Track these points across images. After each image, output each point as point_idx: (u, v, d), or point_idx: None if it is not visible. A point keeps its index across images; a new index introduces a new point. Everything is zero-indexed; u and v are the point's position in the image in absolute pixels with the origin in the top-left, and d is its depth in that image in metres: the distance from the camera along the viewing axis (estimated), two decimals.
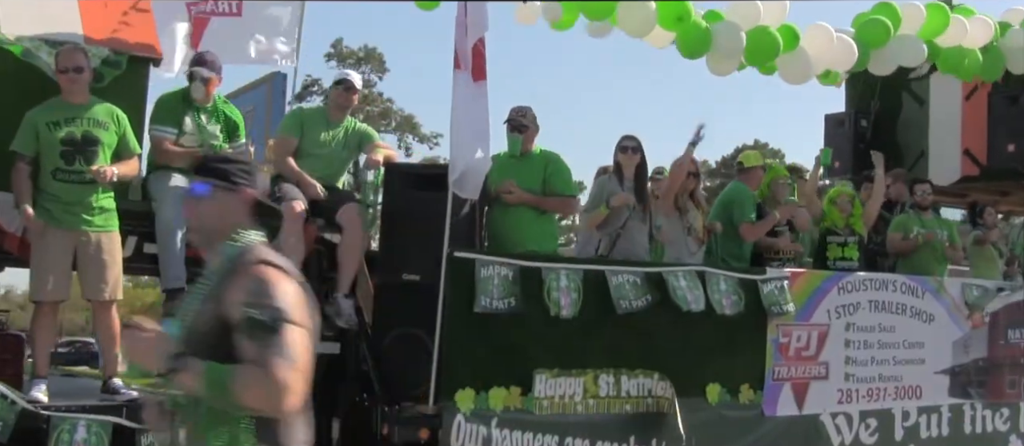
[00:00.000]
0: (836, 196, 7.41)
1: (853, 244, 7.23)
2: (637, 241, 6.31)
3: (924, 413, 7.29)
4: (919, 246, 7.74)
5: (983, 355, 7.65)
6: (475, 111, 5.22)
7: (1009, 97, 8.49)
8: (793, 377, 6.64)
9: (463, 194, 5.36)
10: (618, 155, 6.43)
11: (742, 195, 7.05)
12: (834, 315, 6.83)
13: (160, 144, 5.50)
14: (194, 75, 5.62)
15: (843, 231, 7.30)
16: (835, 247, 7.28)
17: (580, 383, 5.83)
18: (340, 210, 5.72)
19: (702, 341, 6.26)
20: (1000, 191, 9.50)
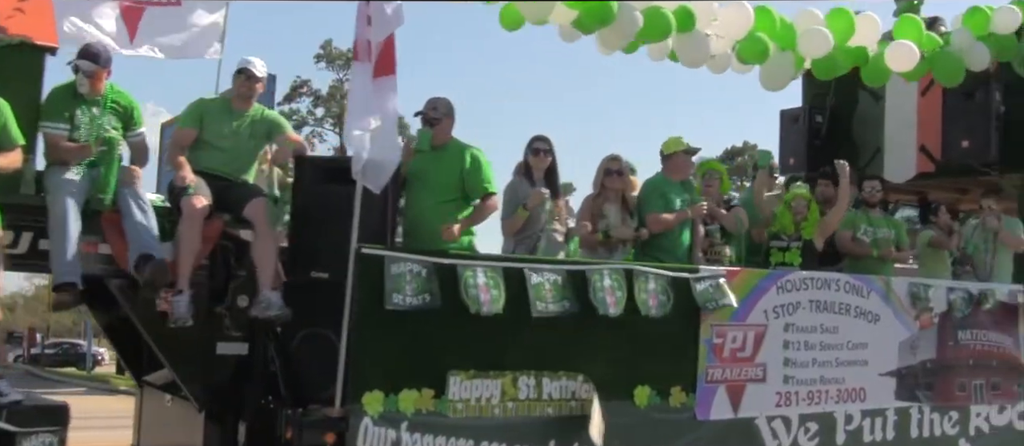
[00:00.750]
0: (792, 199, 7.19)
1: (796, 250, 7.04)
2: (555, 242, 6.14)
3: (868, 416, 7.10)
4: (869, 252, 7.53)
5: (932, 357, 7.46)
6: (376, 103, 5.03)
7: (964, 92, 8.31)
8: (728, 379, 6.44)
9: (368, 185, 5.16)
10: (529, 156, 6.31)
11: (652, 185, 6.84)
12: (772, 315, 6.64)
13: (54, 142, 5.29)
14: (77, 68, 5.39)
15: (788, 236, 7.09)
16: (777, 252, 7.11)
17: (498, 385, 5.63)
18: (247, 205, 5.51)
19: (630, 342, 6.07)
20: (959, 188, 9.32)
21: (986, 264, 8.18)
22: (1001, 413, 7.88)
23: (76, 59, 5.30)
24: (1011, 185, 8.43)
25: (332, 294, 5.35)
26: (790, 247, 7.04)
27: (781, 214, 7.11)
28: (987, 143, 8.07)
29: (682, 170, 6.79)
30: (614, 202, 6.56)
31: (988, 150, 8.07)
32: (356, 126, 5.05)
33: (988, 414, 7.79)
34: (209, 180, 5.58)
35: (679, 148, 6.76)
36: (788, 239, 7.07)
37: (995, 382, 7.84)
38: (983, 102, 8.12)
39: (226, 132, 5.63)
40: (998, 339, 7.85)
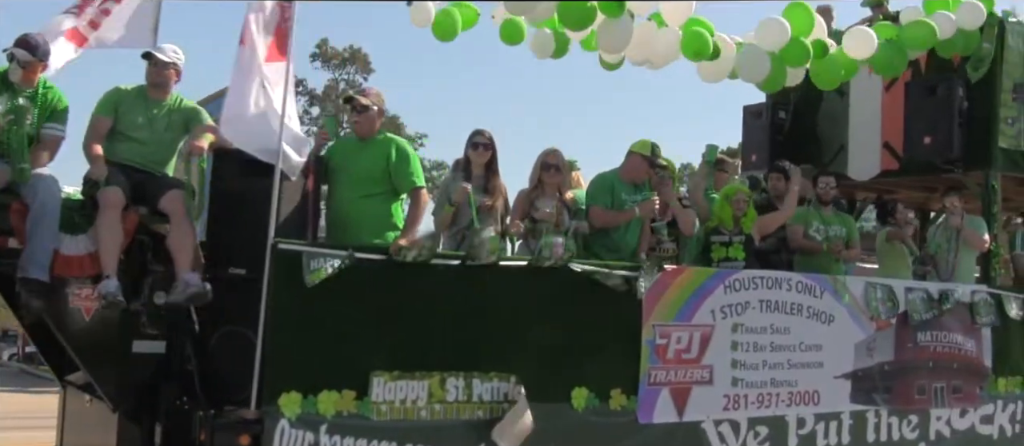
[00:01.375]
0: (732, 194, 7.00)
1: (738, 244, 6.84)
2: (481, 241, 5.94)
3: (822, 420, 6.91)
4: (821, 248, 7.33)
5: (890, 358, 7.27)
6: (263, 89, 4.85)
7: (927, 87, 8.12)
8: (672, 381, 6.25)
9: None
10: (468, 151, 6.14)
11: (602, 180, 6.64)
12: (720, 315, 6.44)
13: None
14: (12, 56, 5.22)
15: (729, 231, 6.89)
16: (719, 247, 6.91)
17: (424, 386, 5.44)
18: (163, 198, 5.31)
19: (567, 341, 5.88)
20: (927, 187, 9.13)
21: (948, 264, 8.00)
22: (963, 417, 7.69)
23: (12, 46, 5.12)
24: (975, 183, 8.23)
25: (250, 291, 5.17)
26: (732, 241, 6.85)
27: (720, 208, 6.90)
28: (950, 140, 7.86)
29: (638, 172, 6.52)
30: (550, 197, 6.36)
31: (950, 147, 7.86)
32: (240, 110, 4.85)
33: (949, 418, 7.60)
34: (126, 172, 5.39)
35: (643, 150, 6.51)
36: (730, 233, 6.87)
37: (956, 385, 7.65)
38: (945, 98, 7.92)
39: (140, 122, 5.44)
40: (959, 341, 7.66)
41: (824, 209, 7.55)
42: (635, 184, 6.60)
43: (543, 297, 5.81)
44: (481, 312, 5.61)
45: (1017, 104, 8.17)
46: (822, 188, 7.54)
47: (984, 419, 7.82)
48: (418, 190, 5.53)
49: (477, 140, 6.17)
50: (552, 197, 6.33)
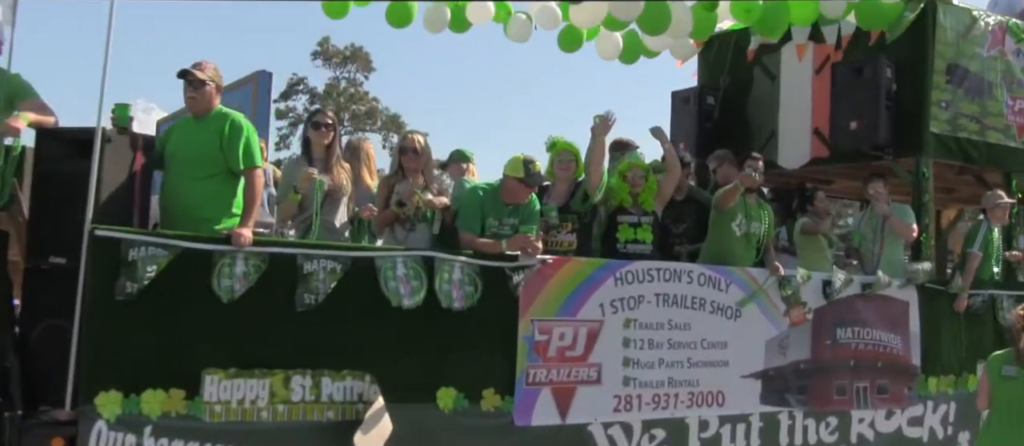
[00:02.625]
0: (627, 169, 6.57)
1: (647, 225, 6.43)
2: (329, 229, 5.56)
3: (728, 423, 6.51)
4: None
5: (805, 357, 6.88)
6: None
7: (854, 68, 7.72)
8: (554, 381, 5.86)
9: None
10: (308, 131, 5.77)
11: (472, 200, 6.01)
12: (610, 310, 6.05)
13: None
14: None
15: (635, 210, 6.48)
16: (626, 227, 6.47)
17: (265, 385, 5.05)
18: None
19: (432, 338, 5.50)
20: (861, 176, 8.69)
21: (873, 256, 7.57)
22: (889, 419, 7.30)
23: None
24: (905, 171, 7.82)
25: (72, 282, 4.77)
26: (641, 223, 6.43)
27: (618, 187, 6.46)
28: (876, 124, 7.46)
29: (514, 195, 5.90)
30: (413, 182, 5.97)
31: (877, 132, 7.46)
32: None
33: (873, 420, 7.21)
34: None
35: (516, 173, 5.84)
36: (638, 213, 6.44)
37: (882, 385, 7.26)
38: (872, 80, 7.52)
39: None
40: (885, 338, 7.27)
41: (749, 198, 6.89)
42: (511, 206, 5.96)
43: None
44: (333, 305, 5.21)
45: (951, 87, 7.78)
46: (747, 174, 6.89)
47: (912, 421, 7.43)
48: (250, 171, 5.11)
49: (318, 119, 5.79)
50: (414, 182, 5.93)
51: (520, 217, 5.90)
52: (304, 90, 43.34)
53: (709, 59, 9.11)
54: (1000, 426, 5.68)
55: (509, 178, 5.84)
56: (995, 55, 8.04)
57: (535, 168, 5.79)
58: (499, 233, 5.85)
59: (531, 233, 5.69)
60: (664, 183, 6.56)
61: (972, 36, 7.87)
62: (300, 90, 43.34)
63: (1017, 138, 8.19)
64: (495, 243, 5.74)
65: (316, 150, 5.77)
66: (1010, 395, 5.59)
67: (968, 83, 7.87)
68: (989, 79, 8.01)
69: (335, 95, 43.14)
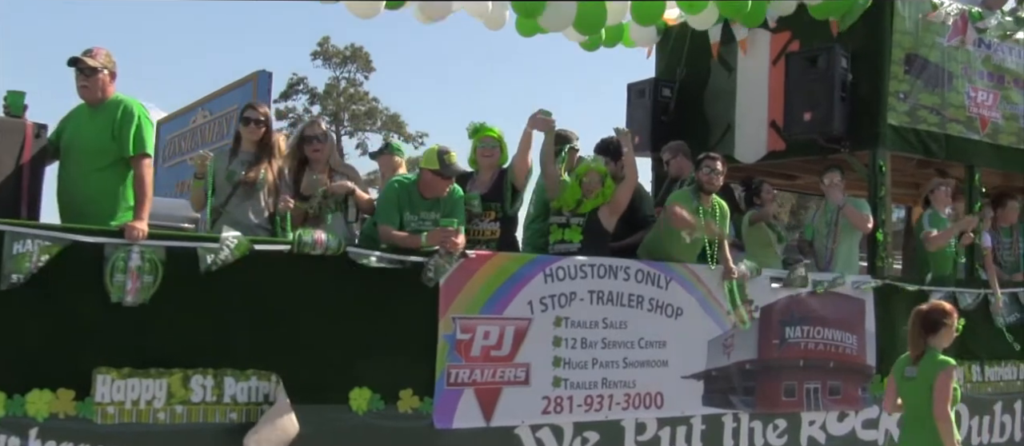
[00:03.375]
0: (584, 173, 6.36)
1: (576, 226, 6.22)
2: (240, 220, 5.36)
3: (667, 425, 6.30)
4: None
5: (752, 357, 6.66)
6: None
7: (808, 58, 7.50)
8: (478, 382, 5.65)
9: None
10: (239, 126, 5.74)
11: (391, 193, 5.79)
12: (539, 307, 5.85)
13: None
14: None
15: (568, 212, 6.27)
16: (557, 228, 6.27)
17: (162, 386, 4.85)
18: None
19: (345, 336, 5.29)
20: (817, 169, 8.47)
21: (826, 251, 7.36)
22: (842, 421, 7.09)
23: None
24: (861, 164, 7.60)
25: None
26: (570, 223, 6.22)
27: (571, 189, 6.25)
28: (830, 116, 7.24)
29: (431, 188, 5.72)
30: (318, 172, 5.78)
31: (831, 123, 7.23)
32: None
33: (825, 422, 7.00)
34: None
35: (430, 166, 5.64)
36: (568, 215, 6.24)
37: (834, 386, 7.05)
38: (826, 70, 7.30)
39: None
40: (838, 337, 7.06)
41: (705, 201, 6.43)
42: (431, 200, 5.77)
43: (314, 286, 5.22)
44: (237, 301, 5.02)
45: (910, 78, 7.56)
46: (706, 174, 6.47)
47: (867, 423, 7.22)
48: (139, 159, 4.88)
49: (248, 115, 5.61)
50: (320, 172, 5.73)
51: (442, 210, 5.69)
52: (304, 90, 43.68)
53: (667, 50, 8.89)
54: (905, 429, 5.49)
55: (425, 171, 5.65)
56: (956, 45, 7.82)
57: (449, 159, 5.59)
58: (419, 227, 5.64)
59: (451, 227, 5.47)
60: (620, 191, 6.32)
61: (932, 25, 7.64)
62: (300, 90, 43.69)
63: (980, 131, 7.97)
64: (414, 237, 5.53)
65: (245, 145, 5.58)
66: (909, 397, 5.38)
67: (927, 74, 7.64)
68: (950, 70, 7.78)
69: (335, 95, 43.54)
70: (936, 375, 5.23)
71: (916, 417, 5.31)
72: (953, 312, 5.44)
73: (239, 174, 5.45)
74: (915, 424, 5.32)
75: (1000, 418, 7.97)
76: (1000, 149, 8.11)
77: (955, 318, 5.44)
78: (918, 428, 5.27)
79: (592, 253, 6.16)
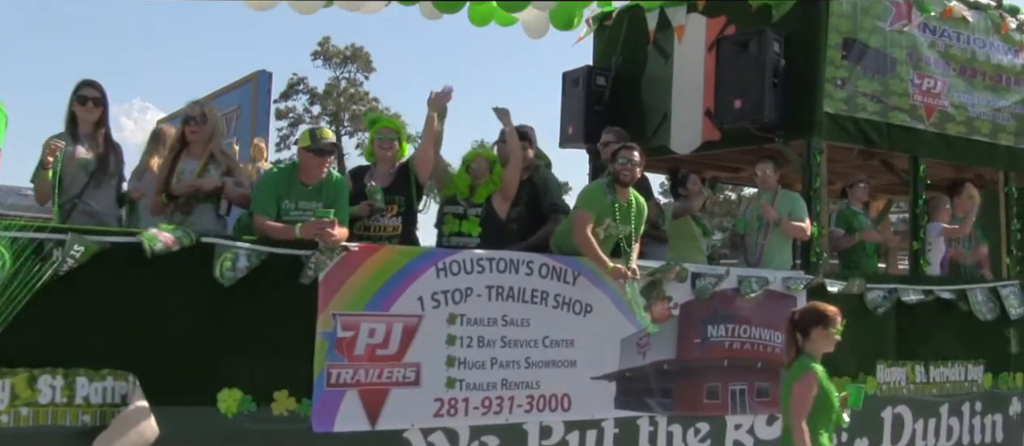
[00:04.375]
0: (471, 160, 6.13)
1: (474, 217, 5.97)
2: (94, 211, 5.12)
3: (576, 429, 6.04)
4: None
5: (670, 356, 6.39)
6: None
7: (739, 43, 7.23)
8: (362, 382, 5.40)
9: None
10: (74, 106, 5.32)
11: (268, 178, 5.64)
12: (430, 303, 5.59)
13: None
14: None
15: (463, 202, 6.02)
16: (452, 219, 6.03)
17: (5, 386, 4.61)
18: None
19: (211, 332, 5.04)
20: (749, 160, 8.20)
21: (757, 246, 7.09)
22: (771, 425, 6.80)
23: None
24: (796, 155, 7.32)
25: None
26: (467, 214, 5.97)
27: (459, 176, 6.02)
28: (761, 103, 6.96)
29: (309, 171, 5.47)
30: (197, 158, 5.52)
31: (762, 111, 6.96)
32: None
33: (752, 425, 6.72)
34: None
35: (304, 143, 5.41)
36: (465, 204, 5.98)
37: (762, 387, 6.77)
38: (757, 55, 7.03)
39: None
40: (766, 336, 6.78)
41: (621, 196, 6.09)
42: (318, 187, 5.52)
43: (177, 280, 4.97)
44: (90, 296, 4.77)
45: (848, 63, 7.28)
46: (621, 166, 6.08)
47: None
48: None
49: (85, 93, 5.37)
50: (199, 158, 5.48)
51: (324, 199, 5.44)
52: (304, 90, 44.41)
53: (603, 37, 8.63)
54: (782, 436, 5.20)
55: (300, 150, 5.41)
56: (899, 29, 7.54)
57: (321, 134, 5.37)
58: (301, 217, 5.39)
59: (327, 217, 5.20)
60: (506, 174, 6.07)
61: (872, 8, 7.37)
62: (300, 90, 44.43)
63: (925, 120, 7.68)
64: (288, 228, 5.28)
65: (83, 127, 5.34)
66: (782, 402, 5.10)
67: (868, 59, 7.36)
68: (893, 55, 7.50)
69: (335, 95, 44.14)
70: (794, 381, 4.94)
71: (785, 425, 5.03)
72: (832, 315, 5.10)
73: (92, 164, 5.20)
74: (785, 432, 5.04)
75: (947, 421, 7.69)
76: (948, 139, 7.83)
77: (836, 322, 5.10)
78: (787, 437, 4.99)
79: (492, 244, 5.90)
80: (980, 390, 7.87)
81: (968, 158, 8.04)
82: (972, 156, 8.03)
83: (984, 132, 8.02)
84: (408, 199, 5.93)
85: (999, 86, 8.12)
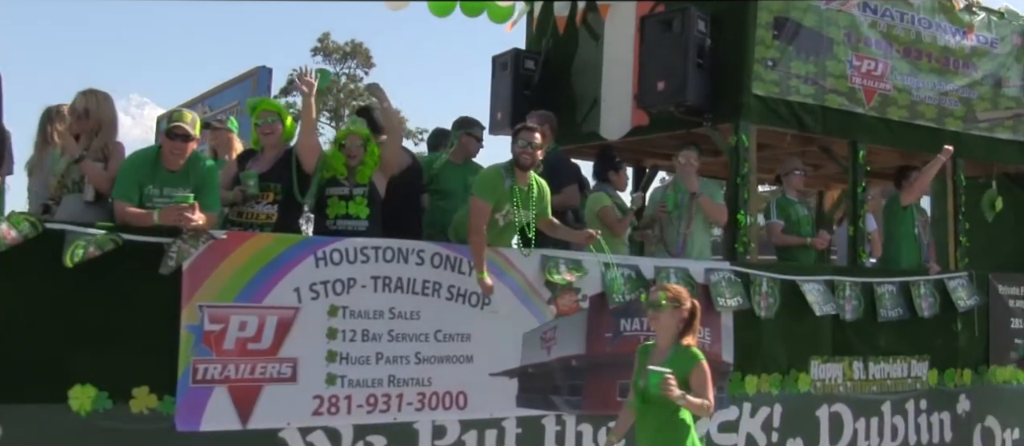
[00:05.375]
0: (344, 137, 5.87)
1: (361, 199, 5.73)
2: None
3: (473, 428, 5.79)
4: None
5: (579, 352, 6.12)
6: None
7: (663, 21, 6.96)
8: (232, 379, 5.15)
9: None
10: None
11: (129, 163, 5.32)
12: (309, 295, 5.34)
13: None
14: None
15: (347, 181, 5.78)
16: (337, 201, 5.78)
17: None
18: None
19: (60, 325, 4.80)
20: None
21: (679, 236, 6.82)
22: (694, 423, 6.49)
23: None
24: (723, 139, 7.03)
25: None
26: (354, 195, 5.73)
27: (334, 156, 5.79)
28: (684, 84, 6.69)
29: (170, 155, 5.22)
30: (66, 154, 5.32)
31: (685, 92, 6.69)
32: None
33: None
34: None
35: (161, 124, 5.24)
36: (349, 184, 5.75)
37: None
38: (680, 34, 6.75)
39: None
40: None
41: (521, 179, 5.80)
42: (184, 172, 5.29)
43: (22, 269, 4.72)
44: None
45: (780, 44, 7.01)
46: (520, 148, 5.83)
47: (724, 426, 6.67)
48: None
49: None
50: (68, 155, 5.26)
51: (191, 184, 5.19)
52: None
53: (534, 19, 8.37)
54: None
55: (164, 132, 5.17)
56: (836, 8, 7.27)
57: (177, 117, 5.14)
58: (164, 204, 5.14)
59: (186, 201, 4.95)
60: (384, 151, 5.85)
61: None
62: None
63: (865, 104, 7.40)
64: (146, 214, 5.04)
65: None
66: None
67: (801, 39, 7.09)
68: (829, 35, 7.22)
69: (335, 91, 43.90)
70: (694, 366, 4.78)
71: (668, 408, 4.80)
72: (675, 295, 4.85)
73: None
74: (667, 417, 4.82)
75: (891, 420, 7.40)
76: (890, 124, 7.56)
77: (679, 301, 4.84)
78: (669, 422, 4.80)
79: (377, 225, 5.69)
80: (925, 387, 7.59)
81: (912, 144, 7.75)
82: (916, 142, 7.74)
83: (929, 117, 7.74)
84: (287, 187, 5.66)
85: (946, 69, 7.84)
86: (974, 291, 7.73)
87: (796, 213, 7.54)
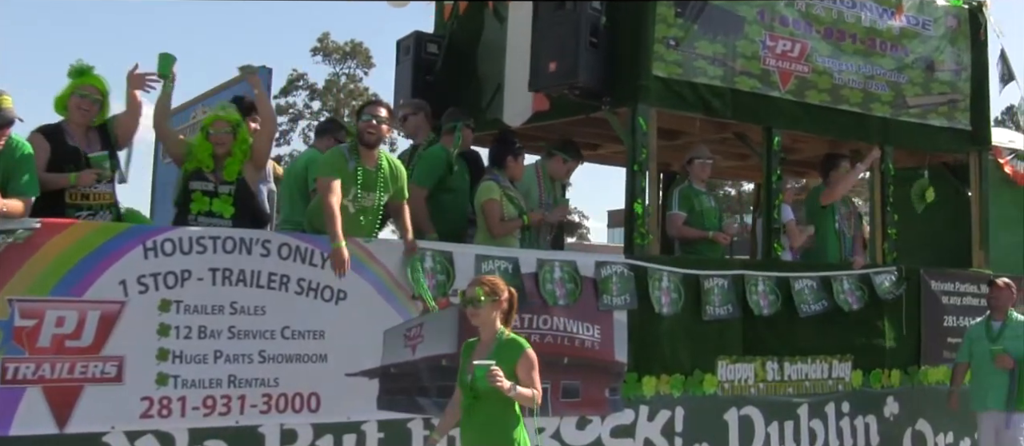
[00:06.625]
0: (210, 124, 5.59)
1: (226, 195, 5.47)
2: None
3: (328, 433, 5.50)
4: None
5: (449, 351, 5.81)
6: None
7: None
8: (48, 378, 4.86)
9: None
10: None
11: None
12: (136, 288, 5.06)
13: None
14: None
15: (213, 176, 5.49)
16: (201, 197, 5.50)
17: None
18: None
19: None
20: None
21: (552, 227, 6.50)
22: (583, 429, 6.25)
23: None
24: (621, 124, 6.69)
25: None
26: (219, 192, 5.47)
27: (200, 145, 5.50)
28: (576, 65, 6.37)
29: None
30: None
31: (576, 73, 6.36)
32: None
33: (559, 429, 6.14)
34: None
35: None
36: (214, 179, 5.47)
37: (570, 386, 6.20)
38: (572, 11, 6.43)
39: None
40: (574, 328, 6.21)
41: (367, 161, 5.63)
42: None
43: None
44: None
45: (684, 22, 6.68)
46: (364, 124, 5.59)
47: (618, 431, 6.36)
48: None
49: None
50: None
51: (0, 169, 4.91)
52: (304, 86, 45.04)
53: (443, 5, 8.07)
54: None
55: None
56: None
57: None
58: None
59: None
60: (256, 142, 5.59)
61: None
62: (300, 86, 45.06)
63: (780, 87, 7.07)
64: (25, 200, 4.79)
65: None
66: None
67: (708, 18, 6.77)
68: (740, 14, 6.89)
69: (335, 91, 45.01)
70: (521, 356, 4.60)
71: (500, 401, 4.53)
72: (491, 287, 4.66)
73: None
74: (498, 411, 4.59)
75: (808, 423, 7.06)
76: (809, 109, 7.21)
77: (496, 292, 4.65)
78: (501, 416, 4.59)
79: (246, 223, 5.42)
80: (848, 389, 7.24)
81: (835, 131, 7.41)
82: (840, 129, 7.40)
83: (854, 102, 7.40)
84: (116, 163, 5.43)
85: (872, 51, 7.49)
86: (900, 285, 7.39)
87: (701, 204, 7.21)
